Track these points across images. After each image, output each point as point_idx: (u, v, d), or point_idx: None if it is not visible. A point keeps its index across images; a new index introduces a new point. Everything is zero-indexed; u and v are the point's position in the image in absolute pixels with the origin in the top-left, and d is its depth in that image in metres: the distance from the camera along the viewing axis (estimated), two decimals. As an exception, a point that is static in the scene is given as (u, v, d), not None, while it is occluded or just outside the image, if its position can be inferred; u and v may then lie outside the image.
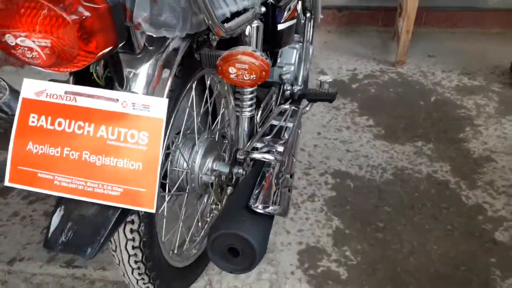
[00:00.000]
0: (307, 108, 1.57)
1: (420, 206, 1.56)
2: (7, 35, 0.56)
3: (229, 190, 1.14)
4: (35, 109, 0.71)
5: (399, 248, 1.40)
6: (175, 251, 1.13)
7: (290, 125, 1.21)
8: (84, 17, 0.54)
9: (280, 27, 1.11)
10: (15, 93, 1.84)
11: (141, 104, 0.68)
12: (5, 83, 1.75)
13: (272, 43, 1.11)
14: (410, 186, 1.65)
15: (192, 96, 1.02)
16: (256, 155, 0.99)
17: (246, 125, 1.11)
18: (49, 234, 0.71)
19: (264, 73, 0.80)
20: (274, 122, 1.21)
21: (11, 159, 0.72)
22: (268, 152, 0.99)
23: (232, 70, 0.81)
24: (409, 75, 2.45)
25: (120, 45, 0.62)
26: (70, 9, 0.53)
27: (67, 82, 0.73)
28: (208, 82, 1.14)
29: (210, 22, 0.75)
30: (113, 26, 0.58)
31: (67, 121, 0.70)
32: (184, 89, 0.91)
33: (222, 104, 1.27)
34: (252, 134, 1.18)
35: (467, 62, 2.57)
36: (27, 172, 0.71)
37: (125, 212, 0.73)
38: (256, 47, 1.02)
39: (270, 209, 0.88)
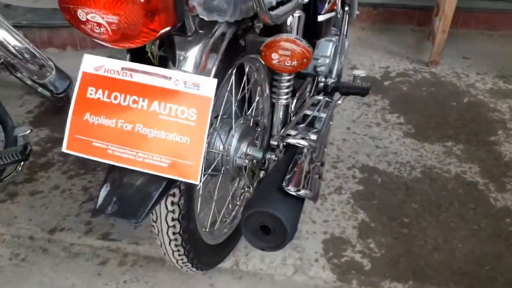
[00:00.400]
0: (339, 101, 1.60)
1: (447, 205, 1.57)
2: (79, 11, 0.62)
3: (261, 174, 1.18)
4: (93, 82, 0.77)
5: (424, 244, 1.41)
6: (207, 229, 1.19)
7: (322, 115, 1.24)
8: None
9: (320, 18, 1.14)
10: (61, 73, 1.93)
11: (192, 83, 0.73)
12: (52, 63, 1.84)
13: (311, 33, 1.15)
14: (438, 184, 1.66)
15: (232, 82, 1.07)
16: (291, 140, 1.03)
17: (281, 112, 1.16)
18: (101, 199, 0.78)
19: (305, 60, 0.84)
20: (308, 112, 1.24)
21: (69, 128, 0.79)
22: (302, 138, 1.03)
23: (275, 56, 0.85)
24: (442, 75, 2.43)
25: (178, 26, 0.67)
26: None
27: (123, 59, 0.78)
28: (247, 69, 1.19)
29: (258, 9, 0.79)
30: (174, 7, 0.63)
31: (123, 95, 0.76)
32: (226, 74, 0.96)
33: (257, 92, 1.31)
34: (286, 122, 1.22)
35: (503, 65, 2.53)
36: (83, 140, 0.78)
37: (170, 183, 0.78)
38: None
39: (302, 192, 0.93)
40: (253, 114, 1.28)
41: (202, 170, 0.74)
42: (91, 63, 0.78)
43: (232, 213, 1.34)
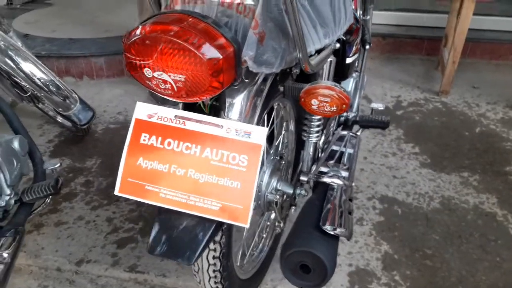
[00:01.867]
0: (358, 133, 1.64)
1: (467, 236, 1.59)
2: (146, 68, 0.66)
3: (293, 209, 1.21)
4: (147, 129, 0.81)
5: (447, 276, 1.43)
6: (238, 264, 1.21)
7: (350, 151, 1.28)
8: (217, 59, 0.63)
9: (348, 60, 1.19)
10: (84, 104, 1.98)
11: (244, 131, 0.77)
12: (76, 96, 1.89)
13: (340, 75, 1.20)
14: (457, 215, 1.68)
15: (264, 120, 1.11)
16: (326, 180, 1.06)
17: (311, 149, 1.19)
18: (152, 240, 0.80)
19: (344, 105, 0.88)
20: (335, 148, 1.28)
21: (122, 172, 0.82)
22: (336, 177, 1.06)
23: (314, 102, 0.89)
24: (453, 105, 2.48)
25: (237, 81, 0.71)
26: (206, 51, 0.63)
27: (176, 107, 0.82)
28: (275, 107, 1.23)
29: (302, 60, 0.83)
30: (235, 65, 0.68)
31: (176, 141, 0.79)
32: (263, 115, 1.00)
33: (283, 128, 1.35)
34: (315, 157, 1.25)
35: (511, 95, 2.58)
36: (136, 184, 0.81)
37: (219, 225, 0.81)
38: (328, 79, 1.10)
39: (338, 231, 0.95)
40: (278, 149, 1.32)
41: (251, 214, 0.77)
42: (144, 110, 0.81)
43: (259, 246, 1.36)
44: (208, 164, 0.78)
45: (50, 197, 1.53)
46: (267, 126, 1.25)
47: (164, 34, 0.63)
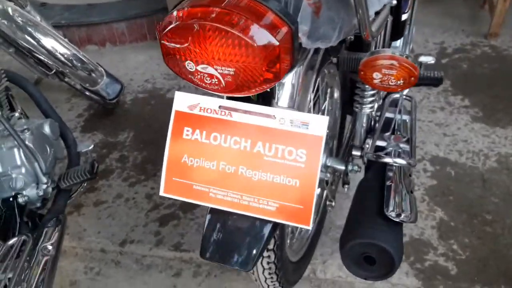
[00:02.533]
0: (405, 91, 1.50)
1: (530, 197, 1.47)
2: (187, 61, 0.56)
3: (346, 188, 1.12)
4: (189, 122, 0.71)
5: (510, 243, 1.33)
6: (288, 245, 1.15)
7: (406, 118, 1.16)
8: (272, 45, 0.52)
9: (404, 17, 1.04)
10: (111, 78, 1.88)
11: (300, 121, 0.66)
12: (102, 69, 1.79)
13: (395, 34, 1.05)
14: (517, 174, 1.56)
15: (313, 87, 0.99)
16: (388, 160, 0.95)
17: (364, 121, 1.08)
18: (205, 245, 0.73)
19: (412, 78, 0.76)
20: (389, 115, 1.16)
21: (166, 171, 0.74)
22: (397, 154, 0.96)
23: (376, 75, 0.77)
24: (504, 48, 2.27)
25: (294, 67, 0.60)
26: (257, 36, 0.51)
27: (219, 96, 0.72)
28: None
29: (363, 27, 0.71)
30: (292, 48, 0.56)
31: (223, 135, 0.70)
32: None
33: (327, 95, 1.23)
34: (368, 129, 1.14)
35: None
36: (182, 183, 0.73)
37: (276, 225, 0.73)
38: (385, 42, 0.96)
39: (403, 216, 0.86)
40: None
41: (313, 215, 0.68)
42: (184, 101, 0.72)
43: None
44: (261, 160, 0.69)
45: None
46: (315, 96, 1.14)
47: (204, 20, 0.52)
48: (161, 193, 0.75)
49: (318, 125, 0.65)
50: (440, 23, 2.54)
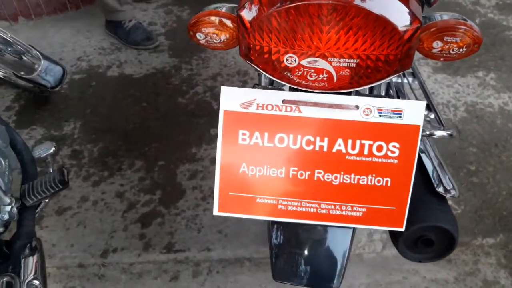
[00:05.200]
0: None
1: (503, 143, 1.53)
2: (287, 56, 0.42)
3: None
4: (245, 124, 0.58)
5: (498, 190, 1.39)
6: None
7: (410, 79, 1.10)
8: (412, 29, 0.40)
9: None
10: (49, 60, 1.59)
11: (390, 110, 0.56)
12: (37, 52, 1.50)
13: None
14: (487, 121, 1.61)
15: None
16: (426, 132, 0.89)
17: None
18: (278, 265, 0.62)
19: (476, 45, 0.68)
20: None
21: (220, 185, 0.60)
22: (436, 128, 0.89)
23: (437, 44, 0.68)
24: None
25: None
26: (399, 16, 0.39)
27: (280, 88, 0.58)
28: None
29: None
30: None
31: (291, 136, 0.57)
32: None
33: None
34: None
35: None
36: (242, 198, 0.60)
37: (355, 230, 0.64)
38: None
39: (453, 193, 0.82)
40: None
41: (407, 215, 0.60)
42: (234, 98, 0.57)
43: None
44: (342, 161, 0.58)
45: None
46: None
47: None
48: (215, 212, 0.61)
49: (414, 112, 0.56)
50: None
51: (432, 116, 0.95)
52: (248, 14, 0.42)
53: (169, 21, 2.20)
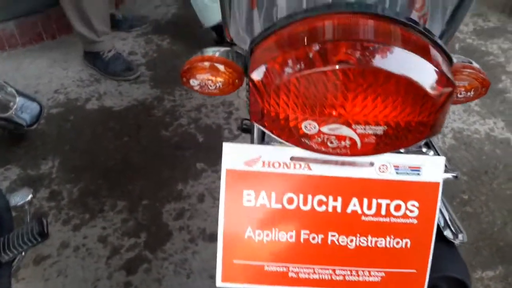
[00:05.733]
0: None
1: (492, 169, 1.53)
2: (306, 122, 0.37)
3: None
4: (249, 183, 0.52)
5: (492, 219, 1.37)
6: None
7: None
8: (446, 93, 0.36)
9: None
10: (25, 97, 1.51)
11: (408, 166, 0.52)
12: (12, 89, 1.42)
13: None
14: (475, 148, 1.61)
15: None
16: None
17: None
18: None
19: (484, 88, 0.66)
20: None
21: (224, 252, 0.54)
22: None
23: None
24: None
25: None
26: (431, 80, 0.35)
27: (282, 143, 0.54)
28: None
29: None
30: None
31: (301, 196, 0.53)
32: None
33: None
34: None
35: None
36: (248, 266, 0.54)
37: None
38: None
39: (460, 237, 0.78)
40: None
41: (428, 279, 0.55)
42: (237, 155, 0.52)
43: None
44: (358, 222, 0.53)
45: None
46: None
47: (346, 62, 0.33)
48: (219, 284, 0.55)
49: (434, 168, 0.52)
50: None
51: (432, 153, 0.92)
52: (261, 77, 0.37)
53: (150, 51, 2.16)
